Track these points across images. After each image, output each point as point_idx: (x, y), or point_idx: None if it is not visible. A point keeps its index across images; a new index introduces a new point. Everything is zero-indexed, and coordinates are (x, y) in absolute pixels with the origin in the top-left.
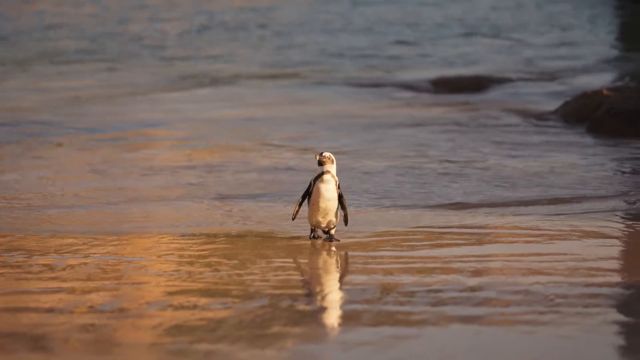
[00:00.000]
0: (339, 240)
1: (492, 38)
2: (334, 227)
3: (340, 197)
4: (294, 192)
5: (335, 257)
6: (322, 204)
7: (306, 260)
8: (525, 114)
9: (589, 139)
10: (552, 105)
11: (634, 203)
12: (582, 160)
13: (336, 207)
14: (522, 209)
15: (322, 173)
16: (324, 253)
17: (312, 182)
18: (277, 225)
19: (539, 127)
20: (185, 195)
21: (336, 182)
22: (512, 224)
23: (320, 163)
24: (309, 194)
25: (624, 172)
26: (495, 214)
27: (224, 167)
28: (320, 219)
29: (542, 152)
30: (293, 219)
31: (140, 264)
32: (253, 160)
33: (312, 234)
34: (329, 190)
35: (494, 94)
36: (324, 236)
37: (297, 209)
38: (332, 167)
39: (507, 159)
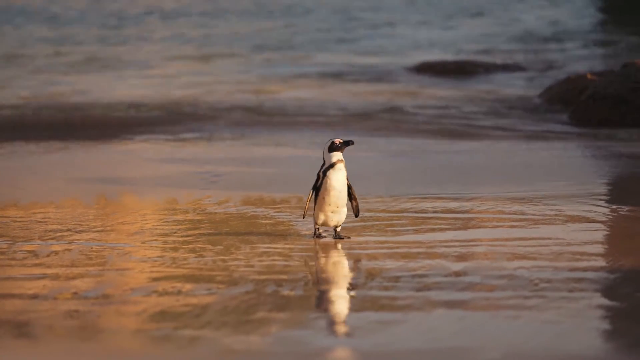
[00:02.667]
0: (349, 237)
1: (472, 20)
2: (340, 225)
3: (349, 187)
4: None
5: (319, 243)
6: (334, 196)
7: (291, 246)
8: (508, 99)
9: (572, 124)
10: (536, 90)
11: (618, 187)
12: (565, 145)
13: (346, 199)
14: (506, 194)
15: (334, 163)
16: (308, 239)
17: (320, 174)
18: (261, 212)
19: (523, 112)
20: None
21: (346, 172)
22: (496, 208)
23: (334, 149)
24: (318, 187)
25: (607, 157)
26: (479, 199)
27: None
28: (329, 214)
29: (525, 138)
30: (304, 217)
31: (124, 250)
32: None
33: (317, 233)
34: (339, 180)
35: (477, 78)
36: (327, 235)
37: (307, 205)
38: (342, 156)
39: (490, 145)
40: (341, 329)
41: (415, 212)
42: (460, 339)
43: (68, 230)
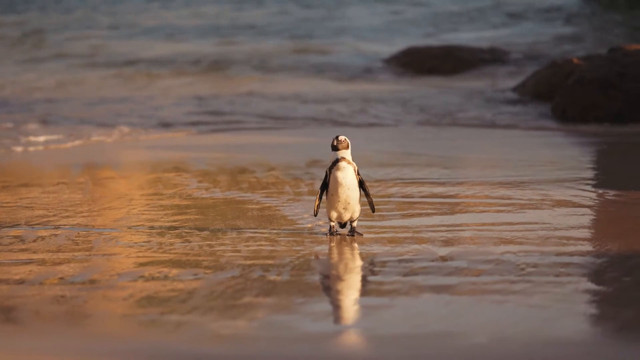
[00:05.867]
0: (361, 235)
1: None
2: (355, 220)
3: (361, 183)
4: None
5: (306, 228)
6: (342, 194)
7: (277, 231)
8: (494, 84)
9: (559, 108)
10: (522, 74)
11: (604, 172)
12: (551, 129)
13: (358, 195)
14: (493, 179)
15: (337, 160)
16: (295, 224)
17: (327, 171)
18: (250, 197)
19: (508, 98)
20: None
21: (354, 168)
22: (482, 193)
23: (335, 148)
24: (327, 184)
25: (594, 141)
26: (466, 183)
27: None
28: (341, 210)
29: (510, 123)
30: (315, 215)
31: (110, 235)
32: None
33: (331, 231)
34: (347, 177)
35: (463, 64)
36: (343, 230)
37: (317, 203)
38: (347, 153)
39: (477, 132)
40: (328, 314)
41: (402, 196)
42: (447, 323)
43: (54, 215)
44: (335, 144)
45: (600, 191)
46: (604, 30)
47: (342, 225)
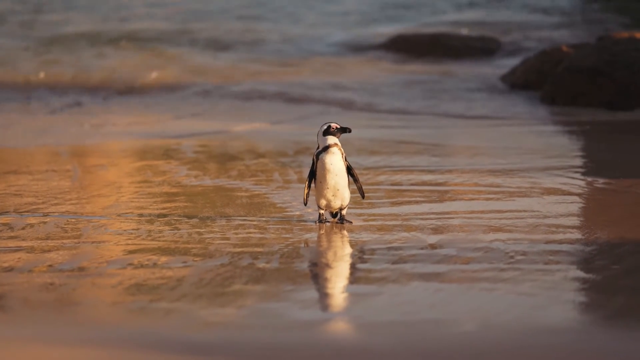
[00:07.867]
0: (351, 222)
1: None
2: (345, 208)
3: (349, 169)
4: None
5: (295, 216)
6: (331, 180)
7: (266, 219)
8: (482, 72)
9: (548, 96)
10: (511, 63)
11: (594, 160)
12: (541, 117)
13: (346, 181)
14: (482, 167)
15: (328, 146)
16: (284, 211)
17: (314, 157)
18: (239, 184)
19: (497, 87)
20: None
21: (342, 154)
22: (472, 181)
23: (329, 133)
24: (314, 171)
25: (583, 130)
26: (455, 171)
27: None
28: (330, 197)
29: (501, 110)
30: (305, 204)
31: (99, 223)
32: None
33: (320, 219)
34: (334, 163)
35: (452, 52)
36: (333, 219)
37: (306, 191)
38: (337, 139)
39: (466, 118)
40: (317, 301)
41: (391, 184)
42: (436, 311)
43: (43, 202)
44: (330, 130)
45: (590, 179)
46: (593, 18)
47: (334, 215)
